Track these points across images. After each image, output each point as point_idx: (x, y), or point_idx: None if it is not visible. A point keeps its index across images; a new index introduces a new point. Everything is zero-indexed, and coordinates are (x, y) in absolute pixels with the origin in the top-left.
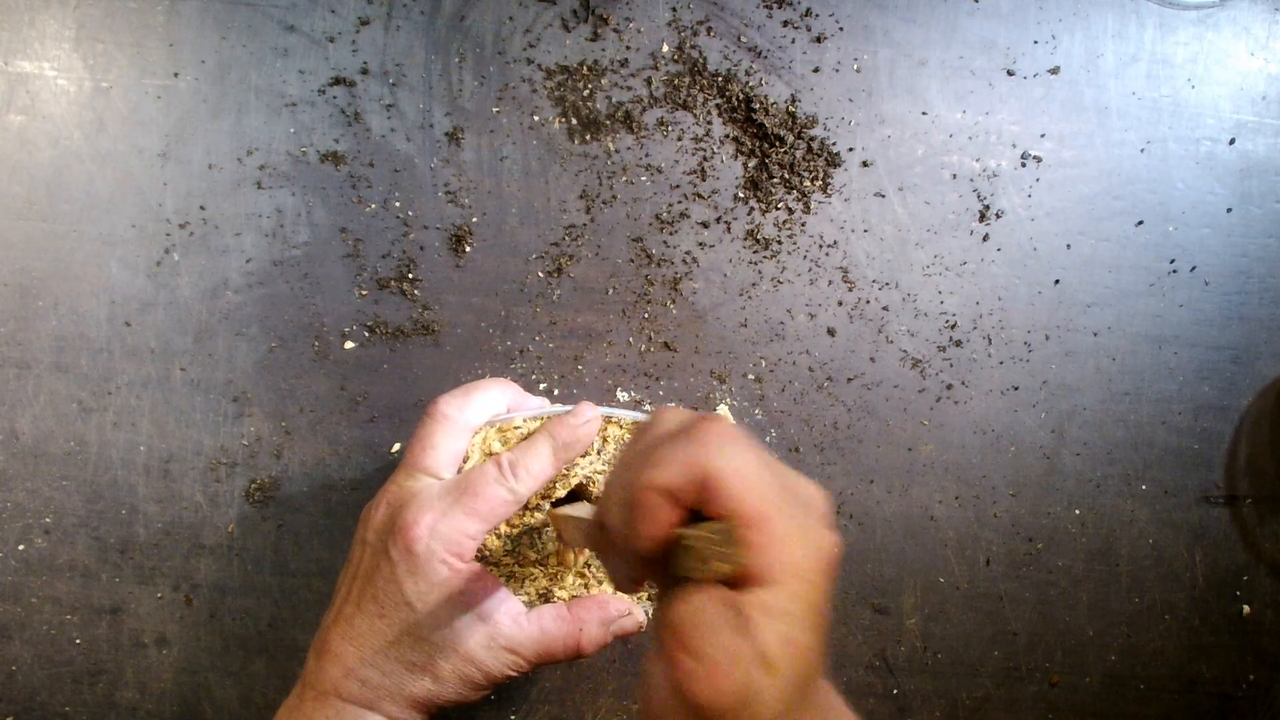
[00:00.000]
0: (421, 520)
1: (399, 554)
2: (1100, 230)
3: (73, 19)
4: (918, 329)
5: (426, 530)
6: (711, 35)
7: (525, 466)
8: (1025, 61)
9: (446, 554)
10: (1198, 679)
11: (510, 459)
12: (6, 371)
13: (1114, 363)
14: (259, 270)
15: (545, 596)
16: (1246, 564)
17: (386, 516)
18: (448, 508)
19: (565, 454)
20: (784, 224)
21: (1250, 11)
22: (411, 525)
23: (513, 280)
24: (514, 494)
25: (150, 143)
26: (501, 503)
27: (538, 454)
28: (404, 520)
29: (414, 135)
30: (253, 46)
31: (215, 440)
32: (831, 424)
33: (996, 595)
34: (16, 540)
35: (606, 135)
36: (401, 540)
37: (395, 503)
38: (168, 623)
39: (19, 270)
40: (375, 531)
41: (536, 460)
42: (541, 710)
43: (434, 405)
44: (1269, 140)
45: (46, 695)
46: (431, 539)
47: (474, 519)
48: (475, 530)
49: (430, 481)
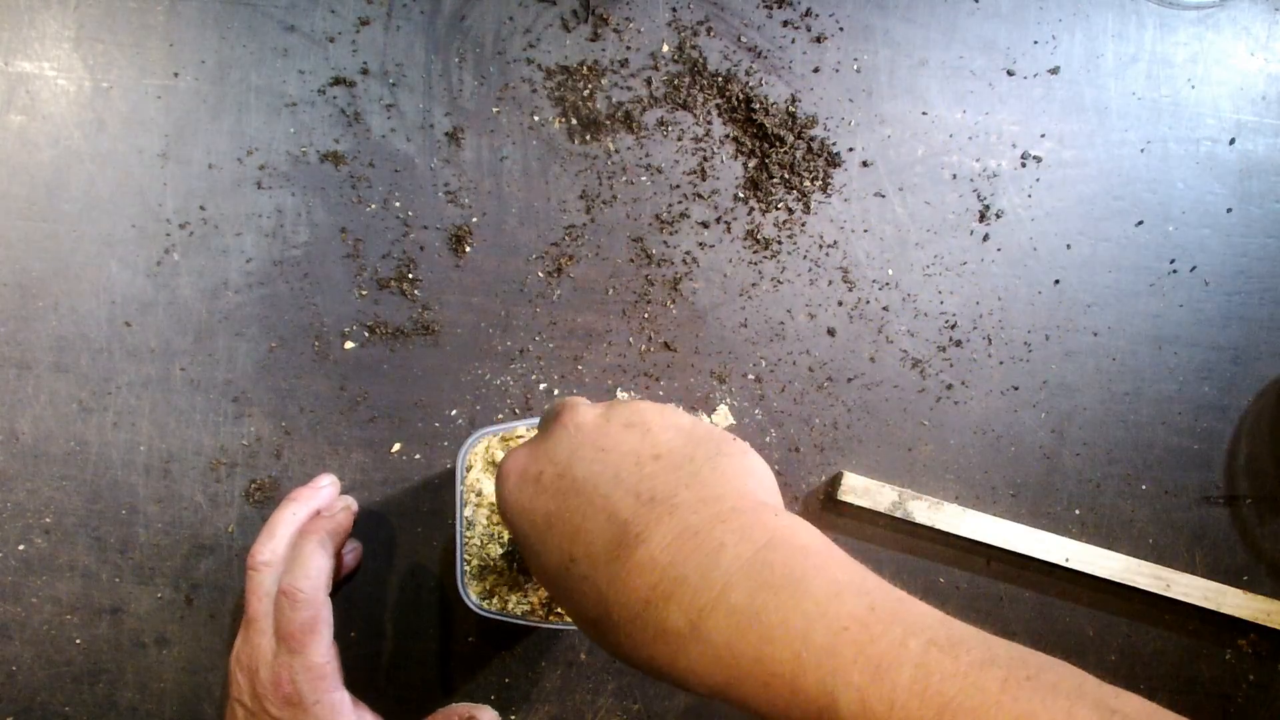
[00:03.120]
0: (283, 677)
1: (279, 709)
2: (1100, 230)
3: (73, 19)
4: (918, 329)
5: (291, 684)
6: (711, 35)
7: (303, 576)
8: (1025, 61)
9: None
10: (1198, 679)
11: (287, 580)
12: (6, 371)
13: (1114, 363)
14: (259, 270)
15: (547, 605)
16: (1246, 564)
17: (250, 679)
18: (286, 658)
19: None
20: (784, 224)
21: (1250, 11)
22: (279, 683)
23: (513, 280)
24: (311, 605)
25: (150, 143)
26: (311, 621)
27: (307, 555)
28: (267, 683)
29: (414, 135)
30: (253, 46)
31: (215, 440)
32: (831, 424)
33: (996, 595)
34: (16, 540)
35: (606, 135)
36: (278, 697)
37: (253, 665)
38: (168, 623)
39: (19, 270)
40: (248, 695)
41: (310, 561)
42: (541, 710)
43: (251, 557)
44: (1269, 140)
45: (46, 695)
46: (299, 689)
47: (311, 653)
48: (321, 658)
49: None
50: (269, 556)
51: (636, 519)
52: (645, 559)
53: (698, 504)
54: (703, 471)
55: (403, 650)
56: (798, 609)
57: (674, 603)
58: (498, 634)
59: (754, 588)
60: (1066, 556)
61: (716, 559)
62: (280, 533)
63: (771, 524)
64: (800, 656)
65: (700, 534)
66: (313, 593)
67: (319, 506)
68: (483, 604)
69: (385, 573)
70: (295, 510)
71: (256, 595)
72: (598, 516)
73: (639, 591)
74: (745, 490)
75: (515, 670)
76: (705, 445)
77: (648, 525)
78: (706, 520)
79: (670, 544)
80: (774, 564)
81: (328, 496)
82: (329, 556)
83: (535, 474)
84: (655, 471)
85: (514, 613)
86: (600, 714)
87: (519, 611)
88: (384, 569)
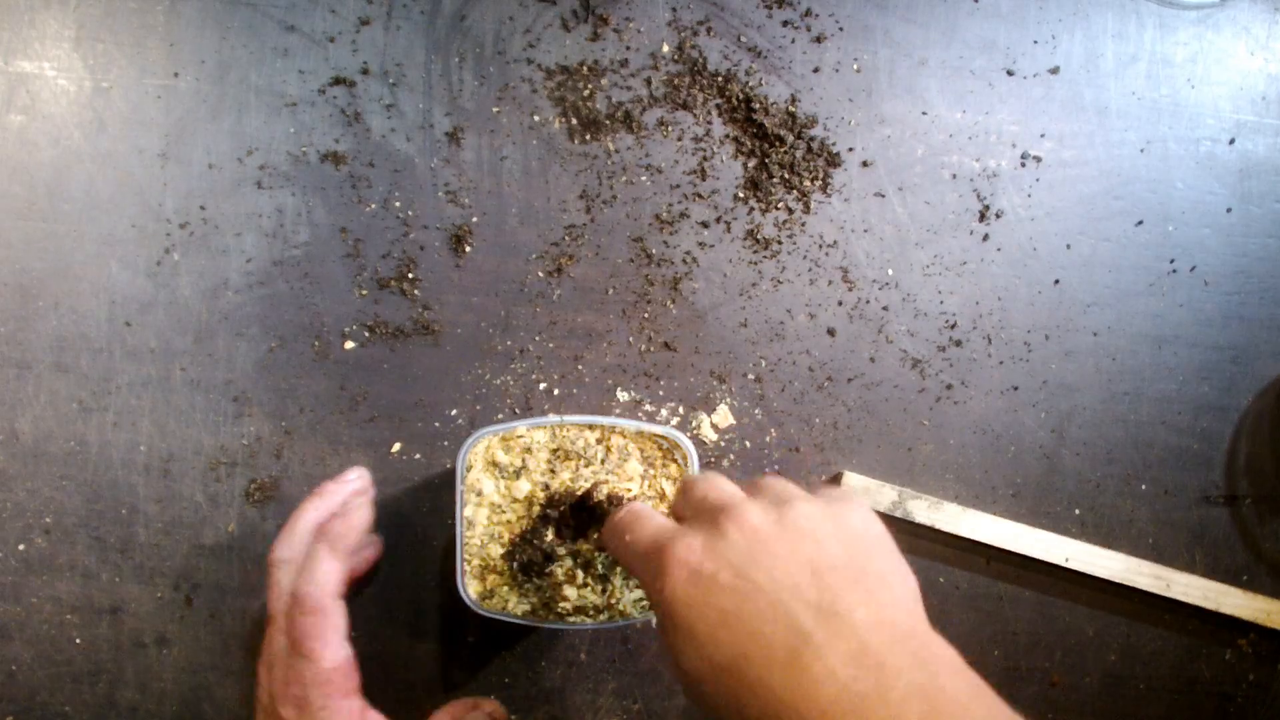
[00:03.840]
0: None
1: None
2: (1100, 230)
3: (73, 19)
4: (918, 329)
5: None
6: (711, 35)
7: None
8: (1025, 61)
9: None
10: (1198, 679)
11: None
12: (6, 371)
13: (1114, 363)
14: (259, 270)
15: (547, 605)
16: (1246, 564)
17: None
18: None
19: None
20: (784, 224)
21: (1250, 11)
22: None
23: (513, 280)
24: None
25: (150, 143)
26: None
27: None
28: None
29: (414, 135)
30: (253, 46)
31: (215, 440)
32: (831, 424)
33: (996, 595)
34: (16, 540)
35: (606, 135)
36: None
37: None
38: (168, 623)
39: (19, 270)
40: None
41: (319, 567)
42: (541, 710)
43: (271, 554)
44: (1269, 140)
45: (46, 695)
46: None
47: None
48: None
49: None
50: (287, 554)
51: (817, 631)
52: (826, 671)
53: (876, 625)
54: (877, 590)
55: (403, 650)
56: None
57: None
58: (498, 634)
59: (927, 712)
60: (1066, 556)
61: (895, 681)
62: (300, 530)
63: (934, 647)
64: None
65: (879, 655)
66: (319, 597)
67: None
68: (483, 604)
69: (386, 573)
70: (318, 506)
71: (275, 593)
72: (778, 622)
73: (818, 703)
74: (914, 611)
75: (515, 670)
76: (876, 557)
77: (828, 639)
78: (885, 641)
79: (852, 660)
80: (945, 691)
81: (357, 493)
82: (338, 559)
83: (711, 572)
84: (832, 584)
85: (514, 612)
86: (600, 714)
87: (519, 611)
88: (384, 569)
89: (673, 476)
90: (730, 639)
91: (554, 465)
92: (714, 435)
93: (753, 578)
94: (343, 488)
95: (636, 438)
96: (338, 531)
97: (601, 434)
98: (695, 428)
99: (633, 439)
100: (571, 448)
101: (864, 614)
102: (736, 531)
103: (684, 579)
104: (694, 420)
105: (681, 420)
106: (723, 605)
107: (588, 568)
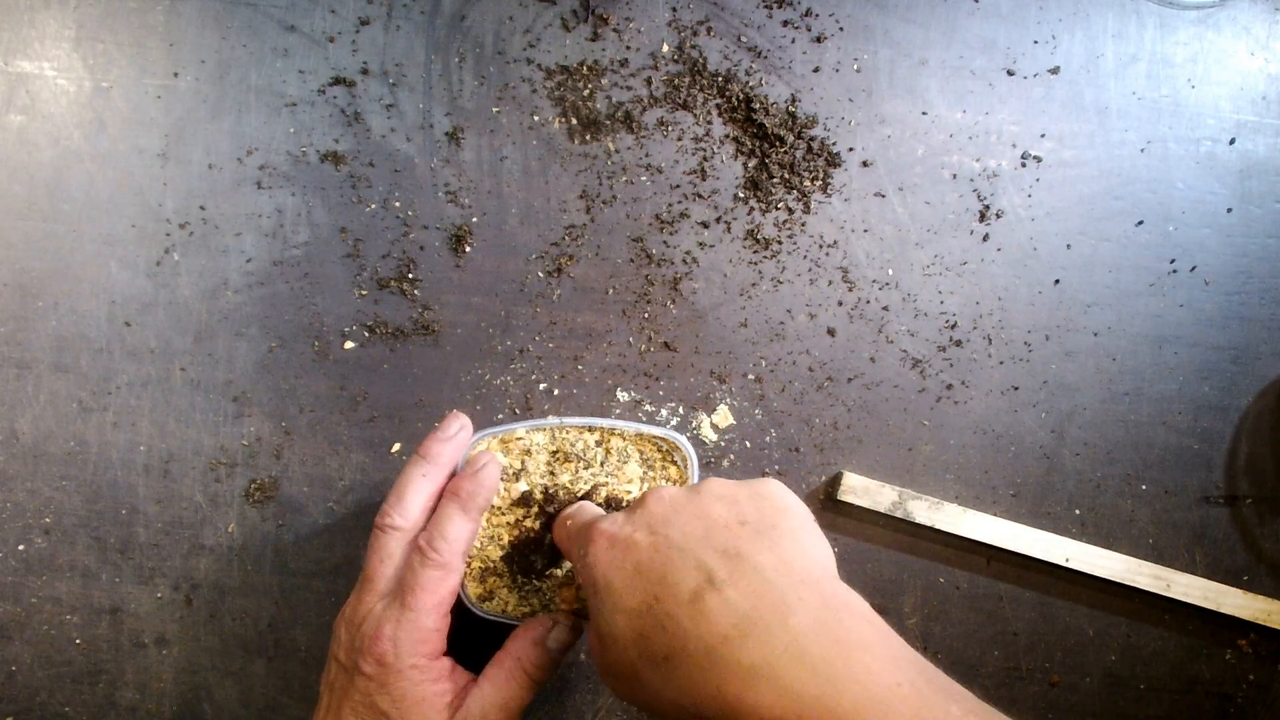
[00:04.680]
0: (383, 633)
1: (372, 668)
2: (1100, 230)
3: (73, 19)
4: (918, 329)
5: (390, 642)
6: (711, 35)
7: (441, 537)
8: (1025, 61)
9: (417, 657)
10: (1198, 679)
11: (425, 537)
12: (6, 371)
13: (1114, 363)
14: (259, 270)
15: (547, 606)
16: (1246, 564)
17: (352, 635)
18: (399, 614)
19: (473, 505)
20: (784, 224)
21: (1250, 11)
22: (376, 639)
23: (513, 280)
24: (444, 568)
25: (150, 143)
26: (438, 582)
27: (449, 519)
28: (366, 636)
29: (414, 135)
30: (253, 46)
31: (215, 440)
32: (831, 424)
33: (996, 595)
34: (16, 540)
35: (606, 135)
36: (371, 655)
37: (355, 620)
38: (168, 623)
39: (19, 270)
40: (345, 651)
41: (451, 526)
42: (541, 710)
43: (381, 518)
44: (1269, 140)
45: (46, 695)
46: (398, 648)
47: (425, 614)
48: (433, 623)
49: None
50: (399, 521)
51: (721, 568)
52: (728, 601)
53: (779, 566)
54: (783, 541)
55: None
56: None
57: (751, 641)
58: (498, 635)
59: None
60: (1066, 556)
61: (793, 611)
62: (410, 496)
63: (841, 594)
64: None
65: (780, 590)
66: (448, 555)
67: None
68: (483, 606)
69: None
70: (426, 471)
71: (379, 556)
72: (686, 565)
73: (719, 628)
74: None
75: None
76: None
77: (732, 575)
78: (789, 582)
79: (752, 593)
80: (843, 623)
81: (462, 446)
82: (470, 520)
83: (628, 535)
84: (741, 534)
85: (514, 614)
86: (600, 714)
87: (519, 613)
88: None
89: (672, 478)
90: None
91: (553, 467)
92: (714, 435)
93: (665, 534)
94: (447, 447)
95: (636, 439)
96: (469, 490)
97: (601, 436)
98: (695, 428)
99: (632, 441)
100: (571, 450)
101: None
102: (654, 502)
103: (604, 544)
104: (694, 420)
105: (681, 420)
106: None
107: None
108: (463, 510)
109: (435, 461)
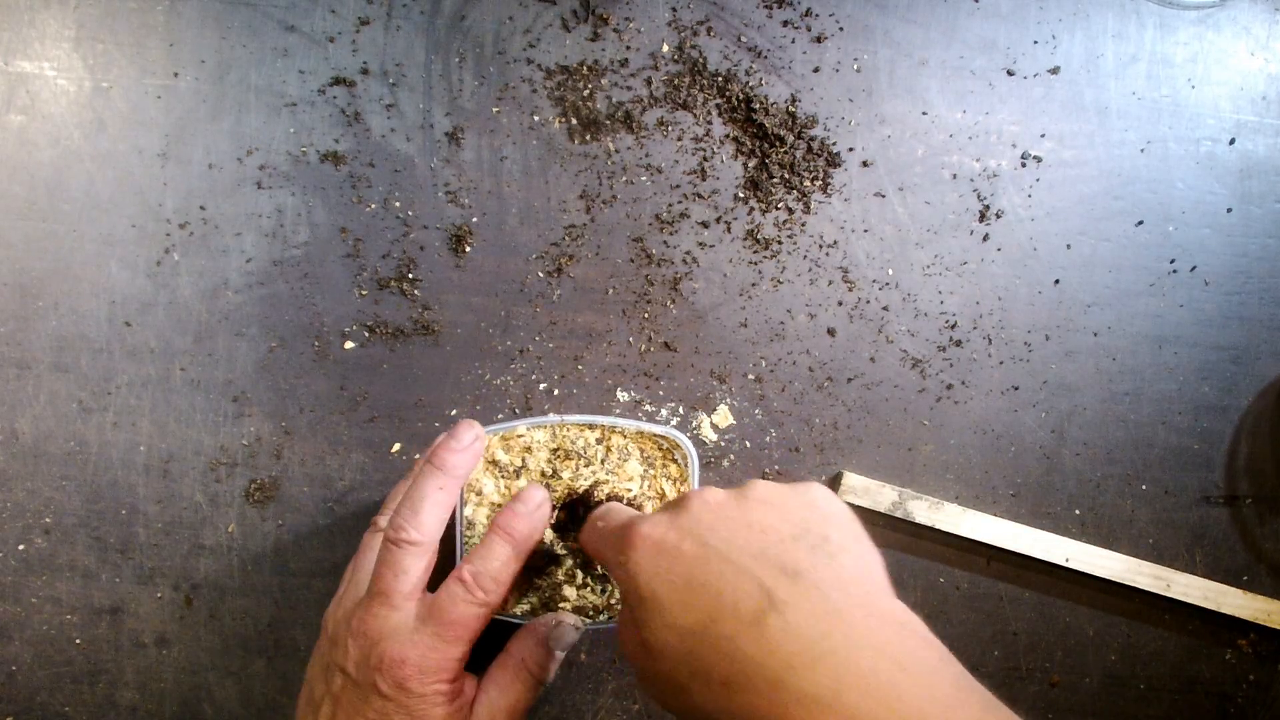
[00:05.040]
0: (409, 657)
1: (390, 689)
2: (1100, 230)
3: (73, 19)
4: (918, 329)
5: (416, 668)
6: (711, 35)
7: (492, 578)
8: (1025, 61)
9: (441, 684)
10: (1198, 679)
11: (473, 571)
12: (6, 371)
13: (1114, 363)
14: (259, 270)
15: (547, 605)
16: (1246, 564)
17: (365, 650)
18: (430, 642)
19: (526, 549)
20: (784, 224)
21: (1250, 11)
22: (400, 664)
23: (513, 280)
24: (485, 607)
25: (150, 143)
26: (475, 618)
27: (498, 559)
28: (391, 657)
29: (414, 135)
30: (253, 46)
31: (215, 440)
32: (831, 424)
33: (996, 595)
34: (16, 540)
35: (606, 135)
36: (392, 677)
37: (374, 635)
38: (168, 623)
39: (19, 270)
40: (355, 664)
41: (505, 570)
42: (541, 710)
43: (395, 531)
44: (1269, 140)
45: (46, 695)
46: (423, 675)
47: (455, 644)
48: (459, 653)
49: (406, 610)
50: (416, 536)
51: (780, 588)
52: (792, 627)
53: (839, 584)
54: (840, 556)
55: None
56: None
57: (819, 671)
58: (498, 634)
59: (889, 667)
60: (1066, 556)
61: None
62: (427, 510)
63: (899, 613)
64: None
65: (843, 614)
66: (495, 598)
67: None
68: None
69: None
70: (443, 484)
71: (392, 570)
72: (742, 585)
73: (784, 657)
74: (875, 576)
75: None
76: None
77: (792, 595)
78: (850, 603)
79: (816, 618)
80: (905, 646)
81: (477, 456)
82: (518, 562)
83: (674, 542)
84: (794, 549)
85: (514, 613)
86: (600, 714)
87: (519, 611)
88: None
89: (672, 476)
90: (697, 603)
91: (554, 465)
92: (714, 435)
93: (715, 545)
94: (461, 458)
95: (636, 438)
96: (524, 535)
97: (602, 434)
98: (695, 428)
99: (633, 439)
100: (571, 447)
101: (827, 575)
102: (700, 506)
103: (648, 550)
104: (694, 420)
105: (681, 420)
106: (687, 572)
107: (588, 568)
108: (516, 554)
109: (451, 474)
